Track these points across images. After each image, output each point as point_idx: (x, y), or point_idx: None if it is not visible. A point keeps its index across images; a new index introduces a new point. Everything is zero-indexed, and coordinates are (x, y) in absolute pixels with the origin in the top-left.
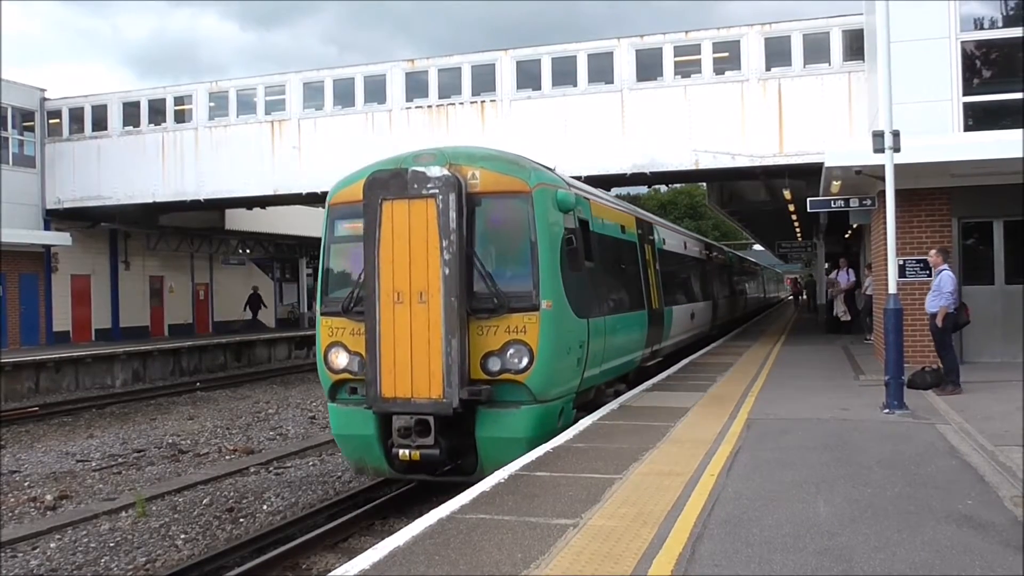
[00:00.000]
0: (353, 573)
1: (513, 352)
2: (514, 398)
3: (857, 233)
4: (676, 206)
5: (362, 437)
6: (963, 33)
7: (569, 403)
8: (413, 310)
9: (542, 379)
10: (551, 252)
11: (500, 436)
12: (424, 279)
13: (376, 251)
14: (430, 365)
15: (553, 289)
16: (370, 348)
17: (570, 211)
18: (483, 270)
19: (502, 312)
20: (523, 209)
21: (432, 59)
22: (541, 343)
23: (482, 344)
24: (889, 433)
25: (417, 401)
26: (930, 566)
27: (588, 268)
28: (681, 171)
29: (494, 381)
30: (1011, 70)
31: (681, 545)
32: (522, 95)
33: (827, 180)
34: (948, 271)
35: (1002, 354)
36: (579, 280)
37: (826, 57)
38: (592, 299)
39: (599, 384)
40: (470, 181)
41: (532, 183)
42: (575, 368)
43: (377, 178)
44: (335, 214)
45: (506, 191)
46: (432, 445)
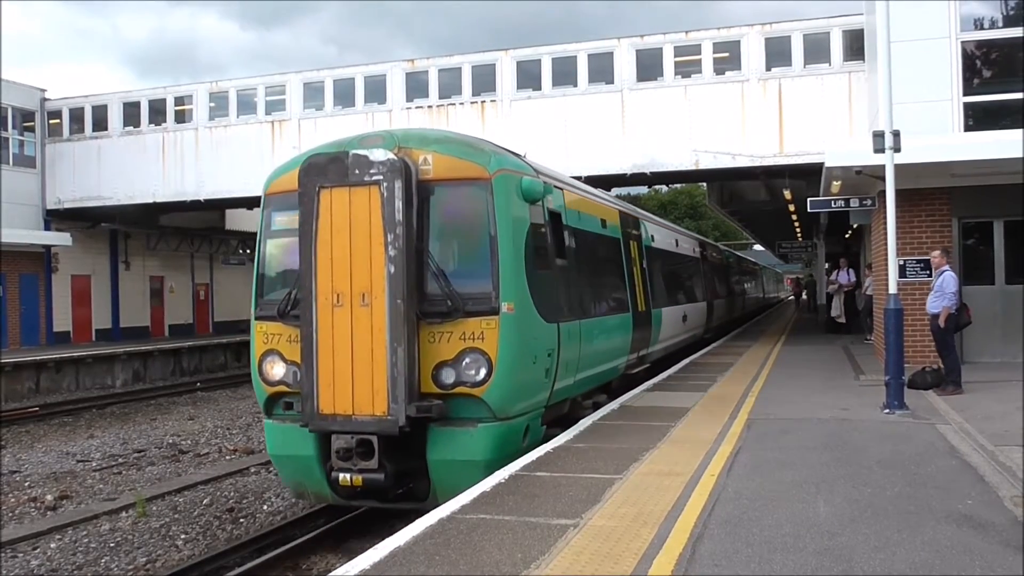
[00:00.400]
0: (353, 573)
1: (469, 362)
2: (471, 415)
3: (857, 233)
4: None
5: (300, 458)
6: (963, 33)
7: (536, 419)
8: (354, 314)
9: (502, 393)
10: (514, 248)
11: (454, 459)
12: (367, 279)
13: (312, 247)
14: (373, 377)
15: (516, 290)
16: (306, 357)
17: (538, 201)
18: (435, 268)
19: (456, 316)
20: (481, 198)
21: (432, 59)
22: (501, 351)
23: (434, 353)
24: (889, 433)
25: (359, 419)
26: (930, 566)
27: (560, 266)
28: (681, 171)
29: (448, 395)
30: (1011, 70)
31: (681, 545)
32: (522, 95)
33: (827, 180)
34: (951, 272)
35: (1002, 354)
36: (548, 280)
37: (826, 57)
38: (564, 301)
39: (575, 396)
40: (421, 167)
41: (492, 169)
42: (543, 380)
43: (314, 163)
44: (271, 205)
45: (462, 178)
46: (376, 469)
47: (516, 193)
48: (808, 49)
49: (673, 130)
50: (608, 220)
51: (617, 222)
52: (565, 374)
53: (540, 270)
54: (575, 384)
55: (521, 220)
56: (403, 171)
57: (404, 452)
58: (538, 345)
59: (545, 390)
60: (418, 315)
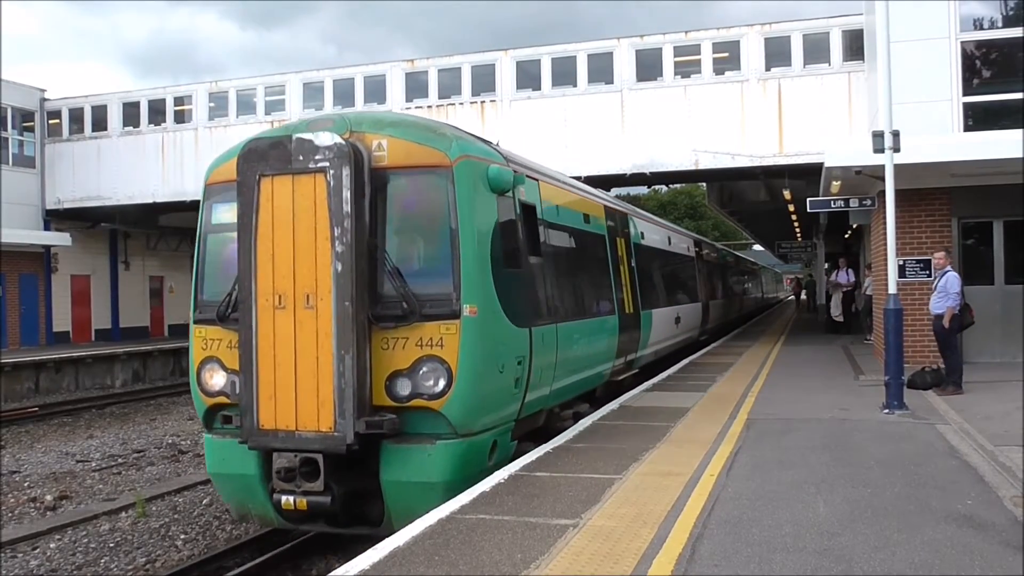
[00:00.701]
0: (353, 573)
1: (427, 371)
2: (429, 430)
3: (857, 233)
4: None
5: (242, 478)
6: (963, 33)
7: (505, 434)
8: (298, 317)
9: (464, 406)
10: (478, 244)
11: (409, 480)
12: (311, 278)
13: (252, 242)
14: (318, 388)
15: (480, 290)
16: (244, 366)
17: (507, 192)
18: (390, 266)
19: (413, 320)
20: (441, 188)
21: (432, 59)
22: (463, 360)
23: (388, 361)
24: (889, 433)
25: (302, 435)
26: (930, 566)
27: (534, 265)
28: (681, 171)
29: (403, 409)
30: (1011, 70)
31: (681, 545)
32: (522, 95)
33: (827, 180)
34: (953, 272)
35: (1002, 354)
36: (520, 279)
37: (826, 57)
38: (538, 303)
39: (551, 407)
40: (375, 153)
41: (453, 155)
42: (511, 390)
43: (254, 149)
44: (212, 196)
45: (420, 165)
46: (322, 491)
47: (482, 182)
48: (808, 49)
49: (673, 130)
50: (592, 215)
51: (602, 217)
52: (539, 383)
53: (510, 269)
54: (551, 394)
55: (487, 212)
56: (352, 157)
57: (355, 472)
58: (506, 352)
59: (515, 402)
60: (370, 319)
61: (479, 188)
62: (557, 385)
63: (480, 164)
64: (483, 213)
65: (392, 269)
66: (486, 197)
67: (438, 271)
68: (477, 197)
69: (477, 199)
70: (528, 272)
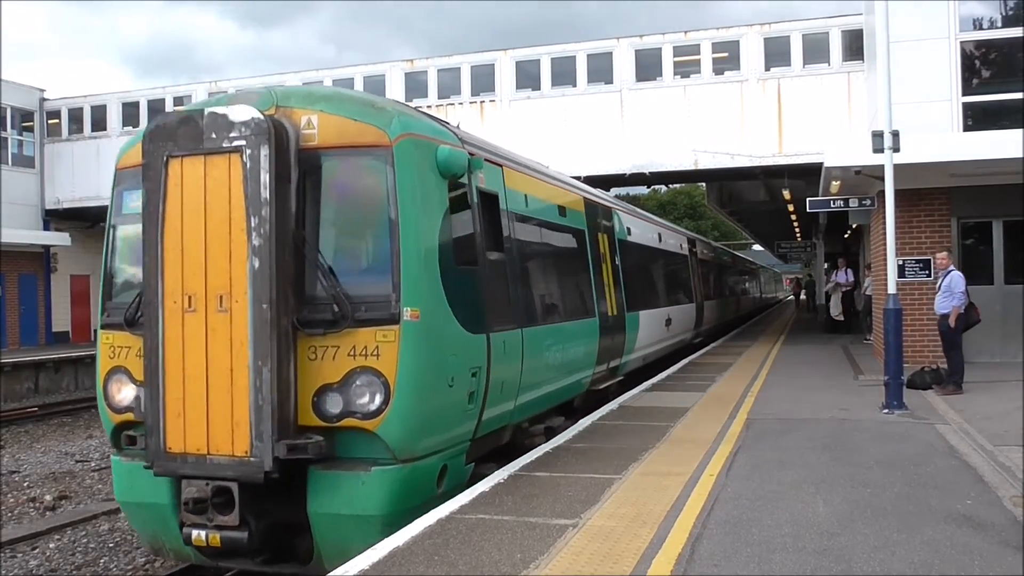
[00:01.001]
0: (353, 573)
1: (360, 386)
2: (364, 455)
3: (856, 233)
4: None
5: (153, 507)
6: (962, 33)
7: (457, 458)
8: (210, 322)
9: (404, 426)
10: (422, 237)
11: (340, 512)
12: (225, 276)
13: (158, 234)
14: (233, 406)
15: (424, 291)
16: (149, 378)
17: (461, 177)
18: (319, 263)
19: (344, 325)
20: (379, 170)
21: (431, 59)
22: (402, 372)
23: (316, 374)
24: (888, 433)
25: (215, 460)
26: (929, 566)
27: (494, 262)
28: (680, 171)
29: (334, 429)
30: (1010, 70)
31: (680, 545)
32: (521, 95)
33: (826, 180)
34: (957, 271)
35: (1001, 354)
36: (475, 279)
37: (825, 57)
38: (500, 305)
39: (518, 422)
40: (304, 131)
41: (394, 132)
42: (464, 406)
43: (161, 125)
44: (122, 182)
45: (354, 144)
46: (237, 526)
47: (429, 165)
48: (807, 49)
49: (672, 130)
50: (569, 208)
51: (581, 211)
52: (500, 397)
53: (463, 266)
54: (517, 409)
55: (435, 201)
56: (273, 134)
57: (279, 502)
58: (456, 362)
59: (469, 419)
60: (295, 324)
61: (425, 172)
62: (524, 398)
63: (427, 144)
64: (430, 201)
65: (321, 266)
66: (434, 182)
67: (375, 269)
68: (423, 182)
69: (423, 184)
70: (487, 270)
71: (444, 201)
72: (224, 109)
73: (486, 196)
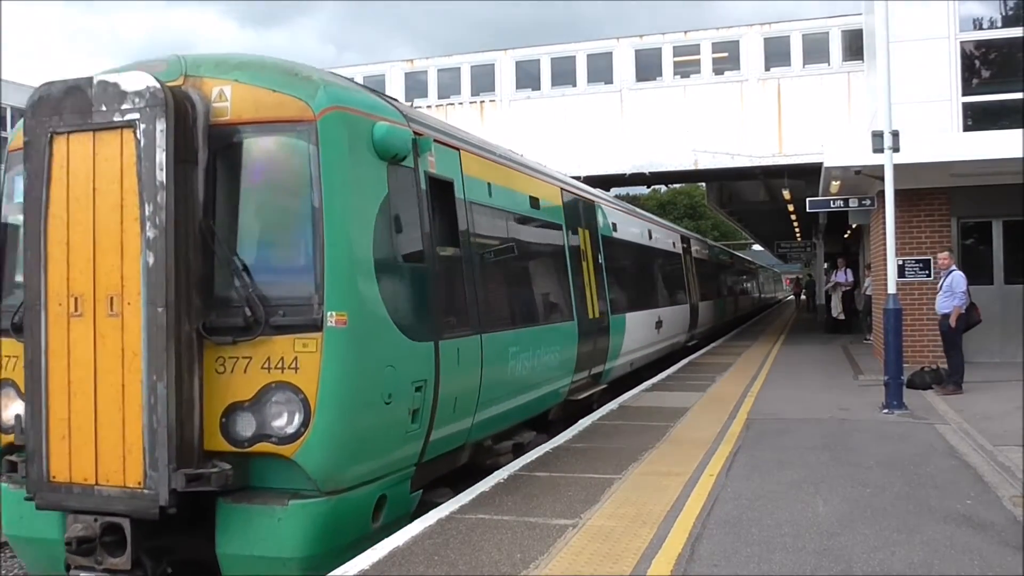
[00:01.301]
0: (353, 573)
1: (276, 404)
2: (281, 485)
3: (856, 233)
4: (676, 206)
5: (42, 544)
6: (962, 33)
7: (400, 485)
8: (99, 328)
9: (327, 451)
10: (352, 228)
11: (251, 554)
12: (116, 274)
13: (41, 225)
14: (125, 428)
15: (354, 291)
16: (31, 395)
17: (404, 159)
18: (230, 259)
19: (258, 332)
20: (300, 150)
21: (431, 59)
22: (325, 387)
23: (224, 390)
24: (888, 433)
25: (105, 491)
26: (929, 566)
27: (448, 258)
28: (680, 171)
29: (246, 455)
30: (1010, 70)
31: (680, 545)
32: (521, 95)
33: (826, 180)
34: (959, 271)
35: (1001, 354)
36: (421, 278)
37: (825, 57)
38: (454, 308)
39: (479, 440)
40: (216, 104)
41: (319, 105)
42: (405, 426)
43: (45, 97)
44: (13, 166)
45: (273, 119)
46: (130, 569)
47: (363, 144)
48: (807, 49)
49: (672, 130)
50: (544, 200)
51: (559, 203)
52: (454, 414)
53: (406, 263)
54: (476, 426)
55: (370, 186)
56: (171, 106)
57: (182, 539)
58: (394, 375)
59: (412, 441)
60: (200, 331)
61: (358, 152)
62: (486, 413)
63: (360, 120)
64: (364, 186)
65: (232, 262)
66: (369, 165)
67: (295, 266)
68: (355, 163)
69: (354, 166)
70: (437, 268)
71: (383, 187)
72: (116, 77)
73: (438, 183)
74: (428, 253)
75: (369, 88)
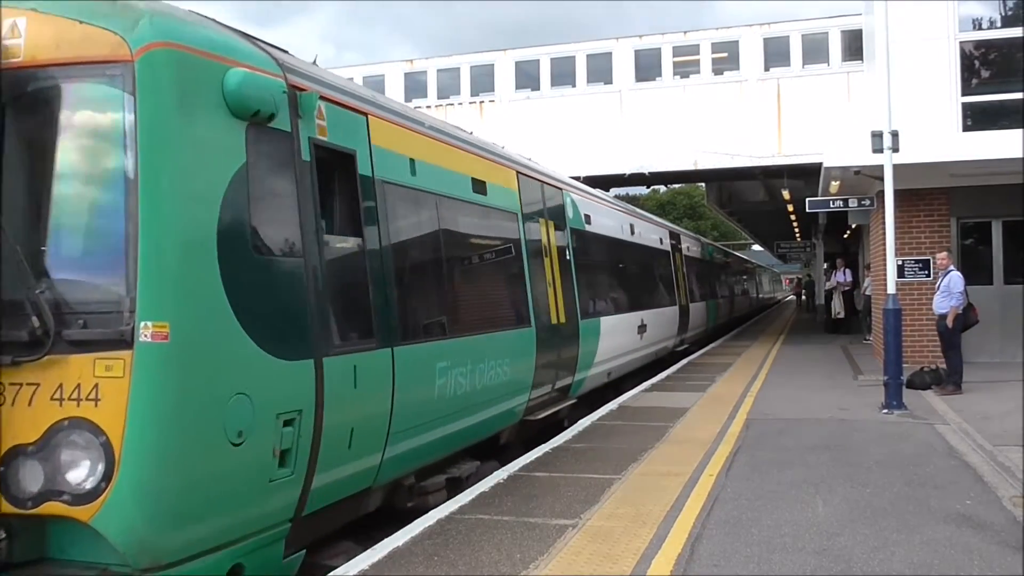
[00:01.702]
0: (353, 573)
1: (69, 449)
2: (86, 558)
3: (856, 233)
4: (675, 206)
5: None
6: (962, 33)
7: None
8: None
9: (139, 514)
10: (183, 208)
11: None
12: None
13: None
14: None
15: (182, 294)
16: None
17: (270, 119)
18: (14, 248)
19: (46, 350)
20: (111, 100)
21: (431, 59)
22: (134, 426)
23: (3, 429)
24: (888, 433)
25: None
26: (928, 566)
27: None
28: (680, 171)
29: (27, 518)
30: (1009, 70)
31: (680, 545)
32: (521, 95)
33: (826, 180)
34: (956, 272)
35: (1001, 354)
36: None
37: (825, 57)
38: (349, 315)
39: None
40: (7, 41)
41: (140, 39)
42: (268, 471)
43: None
44: None
45: (76, 60)
46: None
47: (208, 97)
48: (807, 49)
49: (672, 130)
50: (492, 183)
51: (514, 188)
52: (349, 451)
53: (273, 256)
54: (388, 463)
55: (215, 152)
56: None
57: None
58: (247, 407)
59: (282, 491)
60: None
61: (199, 105)
62: (403, 445)
63: (204, 63)
64: (205, 151)
65: (16, 254)
66: (216, 123)
67: (99, 258)
68: (191, 120)
69: (190, 124)
70: (323, 263)
71: (238, 154)
72: None
73: (331, 154)
74: (309, 244)
75: (227, 26)
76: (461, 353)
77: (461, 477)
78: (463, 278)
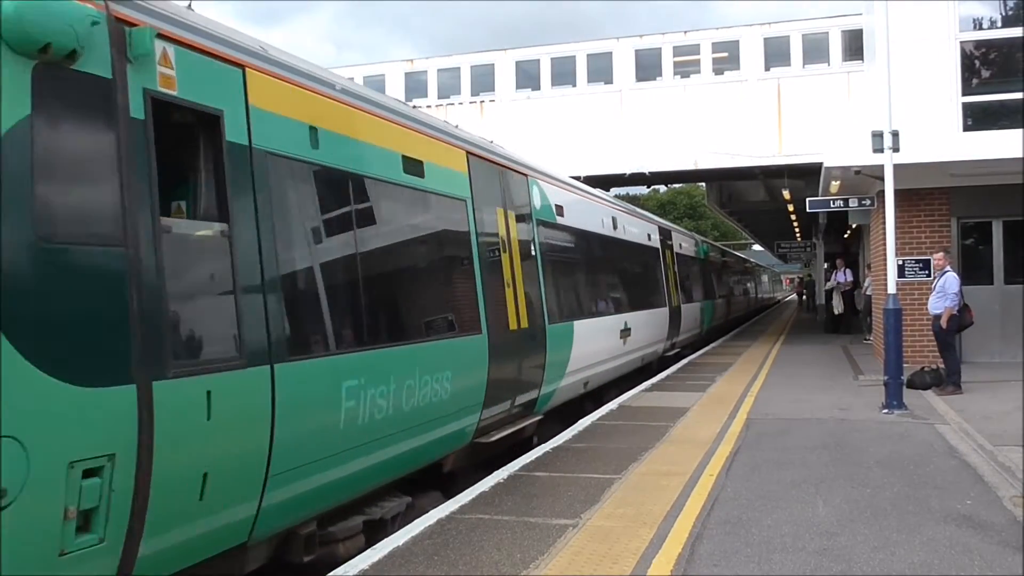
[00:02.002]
0: (353, 573)
1: None
2: None
3: (856, 233)
4: (676, 206)
5: None
6: (962, 33)
7: None
8: None
9: None
10: None
11: None
12: None
13: None
14: None
15: None
16: None
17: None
18: None
19: None
20: None
21: (431, 59)
22: None
23: None
24: (888, 433)
25: None
26: (929, 566)
27: (187, 238)
28: (680, 171)
29: None
30: (1010, 70)
31: (680, 545)
32: (521, 95)
33: (826, 180)
34: (952, 272)
35: (1001, 354)
36: (106, 269)
37: (825, 57)
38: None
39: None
40: None
41: None
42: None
43: None
44: None
45: None
46: None
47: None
48: (807, 49)
49: (672, 130)
50: (432, 163)
51: (463, 171)
52: (200, 502)
53: (71, 244)
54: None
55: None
56: None
57: None
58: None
59: (86, 565)
60: None
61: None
62: (291, 489)
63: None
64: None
65: None
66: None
67: None
68: None
69: None
70: (158, 255)
71: (19, 104)
72: None
73: (182, 113)
74: (136, 229)
75: None
76: (380, 368)
77: (384, 518)
78: (385, 278)
